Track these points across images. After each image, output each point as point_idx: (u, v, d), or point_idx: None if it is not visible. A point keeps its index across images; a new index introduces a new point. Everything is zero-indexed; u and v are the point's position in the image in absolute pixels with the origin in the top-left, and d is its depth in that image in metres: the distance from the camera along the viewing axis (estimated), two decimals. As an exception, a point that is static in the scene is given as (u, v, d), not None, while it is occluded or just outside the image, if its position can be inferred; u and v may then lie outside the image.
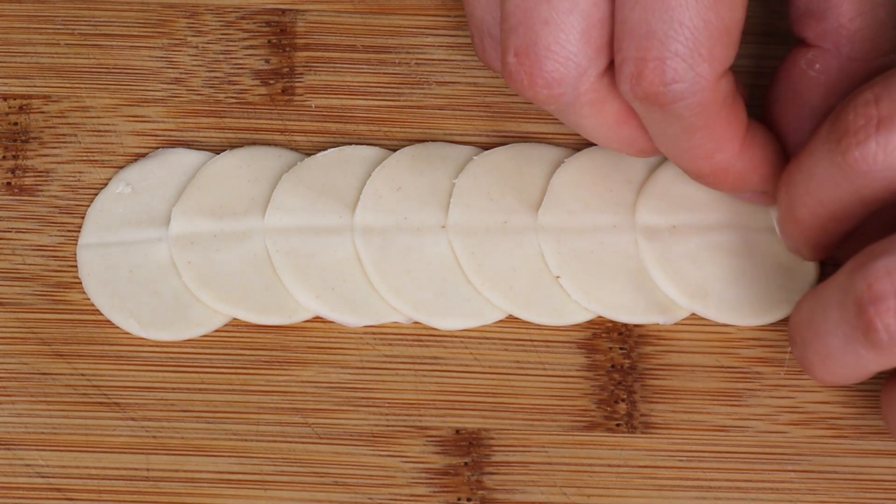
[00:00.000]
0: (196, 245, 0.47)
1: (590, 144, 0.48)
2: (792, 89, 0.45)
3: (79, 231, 0.47)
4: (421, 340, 0.46)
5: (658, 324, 0.46)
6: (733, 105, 0.42)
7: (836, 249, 0.44)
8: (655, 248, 0.47)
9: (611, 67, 0.42)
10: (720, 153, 0.43)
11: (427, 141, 0.49)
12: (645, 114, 0.42)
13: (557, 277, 0.46)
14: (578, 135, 0.47)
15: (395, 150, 0.48)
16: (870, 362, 0.40)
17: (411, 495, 0.44)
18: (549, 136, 0.49)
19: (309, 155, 0.48)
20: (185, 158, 0.48)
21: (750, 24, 0.44)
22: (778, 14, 0.50)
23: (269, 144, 0.49)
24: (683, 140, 0.42)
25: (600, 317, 0.46)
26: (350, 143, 0.49)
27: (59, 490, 0.44)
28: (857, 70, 0.44)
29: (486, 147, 0.48)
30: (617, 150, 0.45)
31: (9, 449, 0.45)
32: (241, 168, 0.48)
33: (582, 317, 0.46)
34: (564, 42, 0.41)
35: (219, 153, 0.48)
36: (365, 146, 0.48)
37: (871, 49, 0.44)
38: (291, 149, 0.49)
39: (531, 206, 0.47)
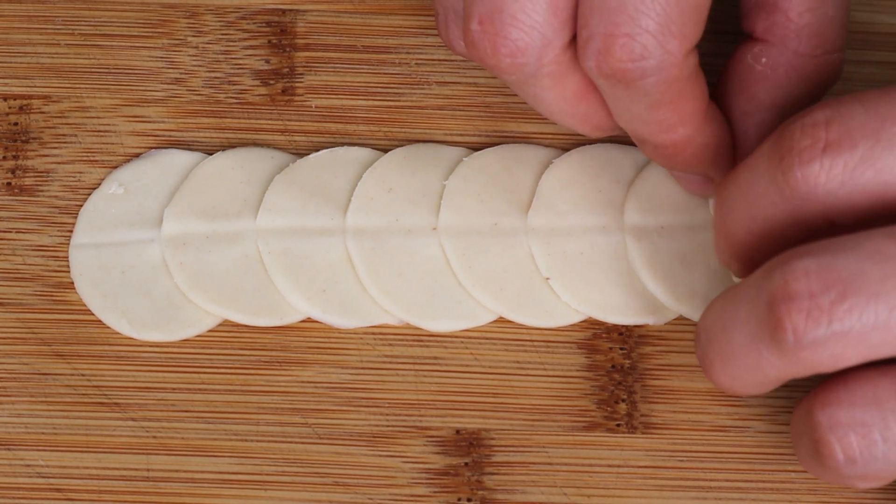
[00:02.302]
0: (188, 246, 0.47)
1: (579, 144, 0.48)
2: (738, 84, 0.44)
3: (78, 231, 0.48)
4: (421, 340, 0.46)
5: (649, 325, 0.46)
6: (697, 80, 0.42)
7: None
8: (644, 249, 0.47)
9: (574, 41, 0.41)
10: (682, 127, 0.42)
11: (427, 141, 0.49)
12: (608, 90, 0.41)
13: (547, 279, 0.46)
14: (570, 135, 0.47)
15: (388, 151, 0.48)
16: (771, 367, 0.39)
17: (411, 495, 0.44)
18: (550, 136, 0.49)
19: (308, 155, 0.48)
20: (178, 159, 0.48)
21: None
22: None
23: (269, 145, 0.49)
24: (647, 115, 0.42)
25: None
26: (350, 144, 0.49)
27: (59, 490, 0.44)
28: (804, 65, 0.43)
29: (486, 147, 0.48)
30: (572, 127, 0.44)
31: (9, 449, 0.45)
32: (234, 169, 0.48)
33: (572, 318, 0.46)
34: (531, 11, 0.40)
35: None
36: (357, 147, 0.48)
37: (819, 45, 0.43)
38: (285, 150, 0.49)
39: (521, 207, 0.47)
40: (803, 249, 0.38)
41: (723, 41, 0.49)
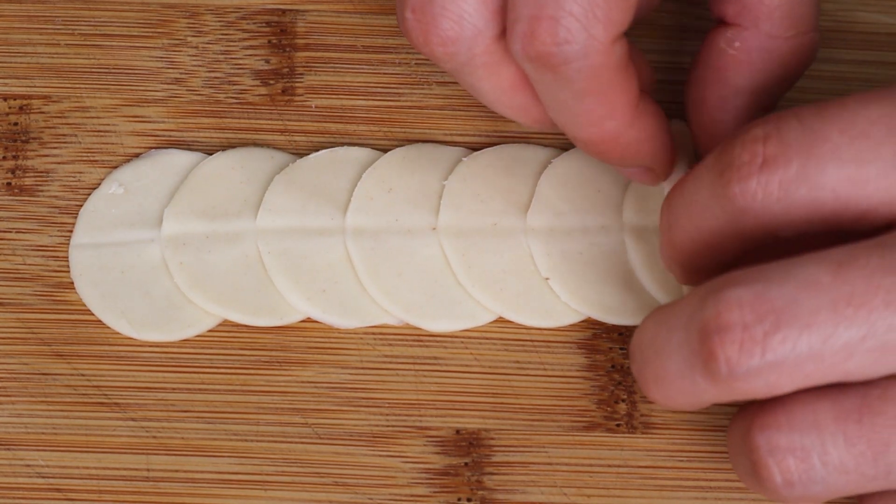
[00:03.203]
0: (188, 246, 0.47)
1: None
2: (712, 70, 0.44)
3: (78, 231, 0.48)
4: (421, 340, 0.46)
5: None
6: (626, 71, 0.41)
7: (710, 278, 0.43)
8: (643, 249, 0.47)
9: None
10: (611, 120, 0.42)
11: (427, 141, 0.49)
12: (536, 76, 0.41)
13: (547, 279, 0.46)
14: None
15: (388, 151, 0.48)
16: (705, 392, 0.39)
17: (411, 495, 0.44)
18: (549, 136, 0.49)
19: (308, 155, 0.48)
20: (178, 159, 0.48)
21: (666, 19, 0.44)
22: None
23: (269, 145, 0.49)
24: (574, 105, 0.41)
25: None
26: (350, 144, 0.49)
27: (59, 490, 0.44)
28: (778, 47, 0.43)
29: (486, 147, 0.48)
30: (512, 118, 0.44)
31: (9, 449, 0.45)
32: (234, 169, 0.48)
33: (572, 318, 0.46)
34: (461, 1, 0.41)
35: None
36: (356, 147, 0.48)
37: (791, 25, 0.43)
38: (285, 150, 0.49)
39: (520, 207, 0.47)
40: (737, 277, 0.38)
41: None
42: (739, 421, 0.40)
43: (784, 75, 0.44)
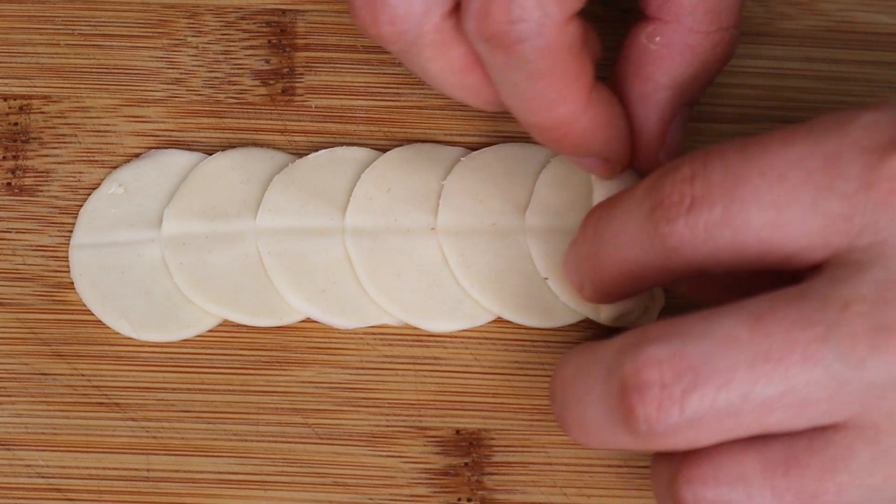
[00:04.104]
0: (188, 246, 0.47)
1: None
2: (634, 65, 0.44)
3: (77, 231, 0.48)
4: (421, 341, 0.46)
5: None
6: (580, 55, 0.41)
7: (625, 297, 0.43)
8: None
9: (457, 10, 0.41)
10: (564, 105, 0.42)
11: (427, 141, 0.49)
12: (489, 56, 0.41)
13: (546, 279, 0.46)
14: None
15: (386, 151, 0.48)
16: (627, 444, 0.38)
17: (411, 495, 0.44)
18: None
19: (307, 155, 0.48)
20: (178, 159, 0.48)
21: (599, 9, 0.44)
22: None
23: (268, 145, 0.49)
24: (527, 87, 0.41)
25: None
26: (350, 144, 0.49)
27: (59, 490, 0.44)
28: (699, 42, 0.43)
29: (485, 147, 0.48)
30: (462, 100, 0.44)
31: (9, 449, 0.45)
32: (233, 169, 0.48)
33: (571, 318, 0.46)
34: None
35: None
36: (355, 147, 0.48)
37: (713, 21, 0.43)
38: (285, 150, 0.49)
39: (519, 207, 0.47)
40: (654, 332, 0.38)
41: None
42: (663, 466, 0.39)
43: (705, 71, 0.44)
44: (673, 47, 0.43)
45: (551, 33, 0.40)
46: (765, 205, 0.37)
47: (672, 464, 0.39)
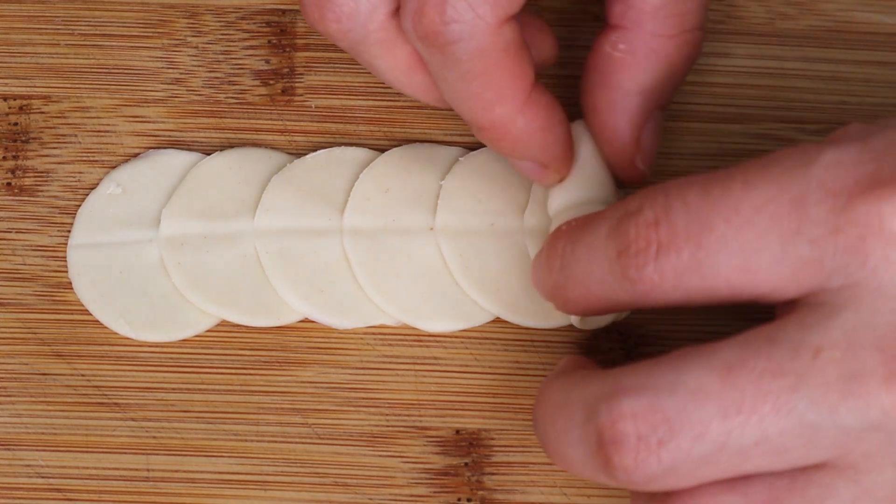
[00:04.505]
0: (186, 246, 0.47)
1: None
2: (601, 74, 0.44)
3: (78, 231, 0.48)
4: (421, 341, 0.46)
5: (649, 325, 0.46)
6: (516, 57, 0.41)
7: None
8: None
9: None
10: (500, 106, 0.42)
11: (426, 141, 0.49)
12: (427, 56, 0.41)
13: None
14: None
15: (385, 151, 0.48)
16: (608, 483, 0.38)
17: (411, 495, 0.44)
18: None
19: (304, 156, 0.48)
20: (176, 159, 0.48)
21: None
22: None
23: (268, 145, 0.49)
24: (462, 88, 0.41)
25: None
26: (350, 144, 0.49)
27: (59, 490, 0.44)
28: (663, 46, 0.43)
29: (483, 147, 0.48)
30: (413, 97, 0.44)
31: (9, 449, 0.45)
32: (231, 170, 0.48)
33: (568, 319, 0.46)
34: None
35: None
36: (354, 147, 0.48)
37: (675, 24, 0.43)
38: (284, 150, 0.49)
39: (517, 207, 0.47)
40: (628, 382, 0.38)
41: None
42: (639, 499, 0.40)
43: (671, 74, 0.44)
44: (637, 54, 0.44)
45: (484, 35, 0.40)
46: (732, 252, 0.37)
47: (651, 500, 0.39)
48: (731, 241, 0.37)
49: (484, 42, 0.40)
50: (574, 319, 0.45)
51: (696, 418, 0.37)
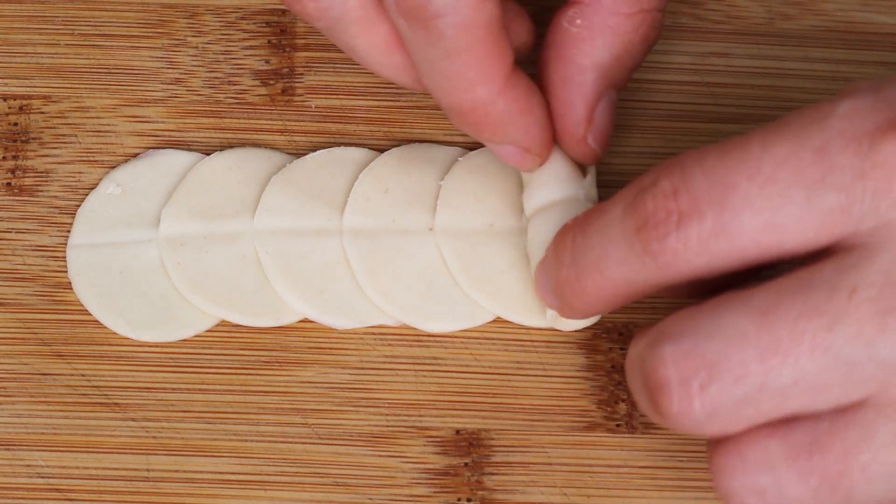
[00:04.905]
0: (185, 246, 0.47)
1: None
2: (556, 50, 0.44)
3: (78, 231, 0.48)
4: (421, 341, 0.46)
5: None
6: (498, 36, 0.41)
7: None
8: None
9: None
10: (482, 86, 0.42)
11: (426, 141, 0.49)
12: (408, 32, 0.41)
13: None
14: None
15: (385, 151, 0.48)
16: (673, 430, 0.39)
17: (411, 495, 0.44)
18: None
19: (304, 156, 0.48)
20: (176, 159, 0.48)
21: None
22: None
23: (268, 145, 0.49)
24: (445, 66, 0.41)
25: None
26: (350, 144, 0.49)
27: (59, 490, 0.44)
28: (620, 24, 0.43)
29: (482, 147, 0.48)
30: (391, 79, 0.44)
31: (9, 449, 0.45)
32: (231, 170, 0.48)
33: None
34: None
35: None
36: (353, 147, 0.48)
37: (634, 2, 0.43)
38: (284, 150, 0.49)
39: (517, 207, 0.47)
40: (668, 330, 0.38)
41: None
42: (708, 453, 0.40)
43: (627, 53, 0.44)
44: (593, 29, 0.44)
45: (468, 9, 0.40)
46: (757, 209, 0.37)
47: (709, 452, 0.40)
48: (755, 199, 0.37)
49: (467, 17, 0.40)
50: (550, 316, 0.45)
51: (735, 361, 0.37)
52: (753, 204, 0.37)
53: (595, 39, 0.44)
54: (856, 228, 0.37)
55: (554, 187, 0.45)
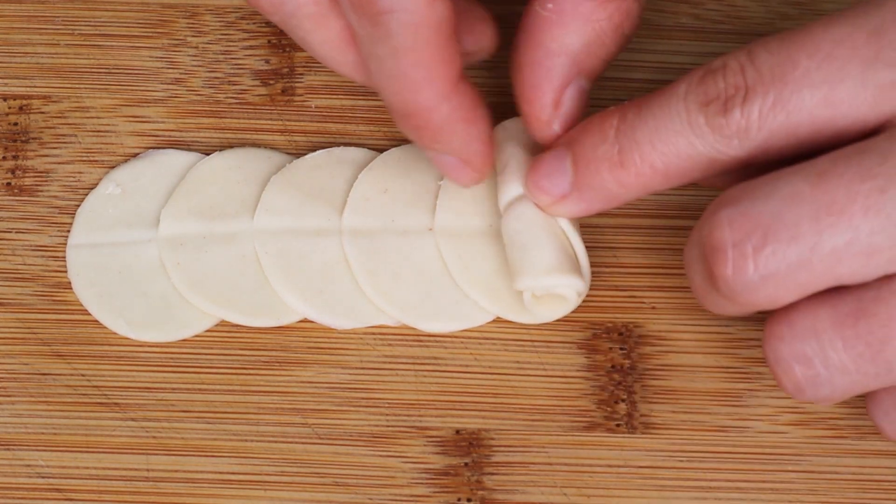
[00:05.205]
0: (185, 246, 0.47)
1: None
2: (527, 33, 0.44)
3: (78, 231, 0.48)
4: (421, 341, 0.46)
5: (649, 325, 0.46)
6: (447, 39, 0.41)
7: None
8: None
9: None
10: (427, 88, 0.42)
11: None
12: (358, 28, 0.41)
13: None
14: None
15: (384, 151, 0.48)
16: (724, 307, 0.41)
17: (411, 495, 0.44)
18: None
19: (304, 156, 0.48)
20: (175, 159, 0.48)
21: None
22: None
23: (268, 145, 0.49)
24: (392, 64, 0.41)
25: (599, 317, 0.46)
26: (350, 144, 0.49)
27: (59, 490, 0.44)
28: (591, 10, 0.43)
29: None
30: (346, 76, 0.44)
31: (9, 449, 0.45)
32: (231, 170, 0.48)
33: (560, 311, 0.46)
34: None
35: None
36: (353, 147, 0.48)
37: None
38: (284, 150, 0.49)
39: None
40: (726, 197, 0.40)
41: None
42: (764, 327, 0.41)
43: (599, 40, 0.44)
44: (564, 14, 0.44)
45: (417, 8, 0.40)
46: (816, 84, 0.39)
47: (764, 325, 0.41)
48: (814, 75, 0.39)
49: (417, 15, 0.40)
50: (526, 299, 0.44)
51: (789, 221, 0.38)
52: (812, 79, 0.39)
53: (566, 24, 0.44)
54: None
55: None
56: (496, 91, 0.49)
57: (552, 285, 0.44)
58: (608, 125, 0.42)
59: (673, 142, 0.41)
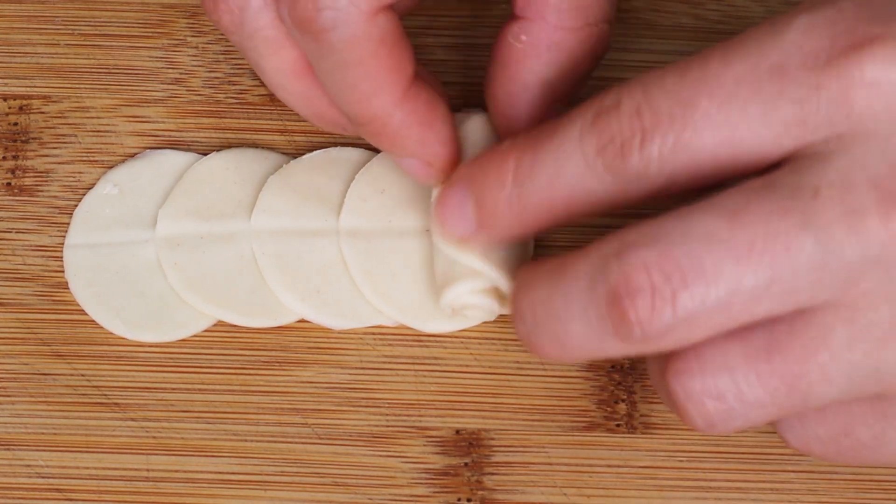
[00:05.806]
0: (182, 247, 0.47)
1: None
2: (501, 65, 0.44)
3: (78, 231, 0.48)
4: (420, 341, 0.46)
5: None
6: (394, 49, 0.41)
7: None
8: None
9: None
10: (377, 98, 0.42)
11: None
12: (304, 45, 0.41)
13: None
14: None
15: (380, 152, 0.48)
16: (614, 351, 0.39)
17: (411, 495, 0.44)
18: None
19: (301, 156, 0.48)
20: (173, 160, 0.48)
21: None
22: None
23: (268, 145, 0.49)
24: (339, 78, 0.41)
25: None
26: (349, 144, 0.49)
27: (59, 490, 0.44)
28: (565, 39, 0.43)
29: (485, 147, 0.48)
30: (295, 108, 0.45)
31: (9, 449, 0.45)
32: (228, 170, 0.48)
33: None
34: None
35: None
36: (350, 148, 0.48)
37: (579, 17, 0.43)
38: (282, 150, 0.49)
39: None
40: (634, 238, 0.38)
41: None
42: (655, 363, 0.40)
43: (574, 68, 0.44)
44: (539, 45, 0.43)
45: (358, 24, 0.40)
46: (717, 126, 0.38)
47: (661, 359, 0.39)
48: (714, 116, 0.38)
49: (358, 31, 0.40)
50: (447, 300, 0.44)
51: (709, 264, 0.37)
52: (713, 120, 0.38)
53: (540, 56, 0.43)
54: (811, 139, 0.37)
55: None
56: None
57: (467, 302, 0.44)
58: (505, 169, 0.41)
59: (572, 185, 0.39)
